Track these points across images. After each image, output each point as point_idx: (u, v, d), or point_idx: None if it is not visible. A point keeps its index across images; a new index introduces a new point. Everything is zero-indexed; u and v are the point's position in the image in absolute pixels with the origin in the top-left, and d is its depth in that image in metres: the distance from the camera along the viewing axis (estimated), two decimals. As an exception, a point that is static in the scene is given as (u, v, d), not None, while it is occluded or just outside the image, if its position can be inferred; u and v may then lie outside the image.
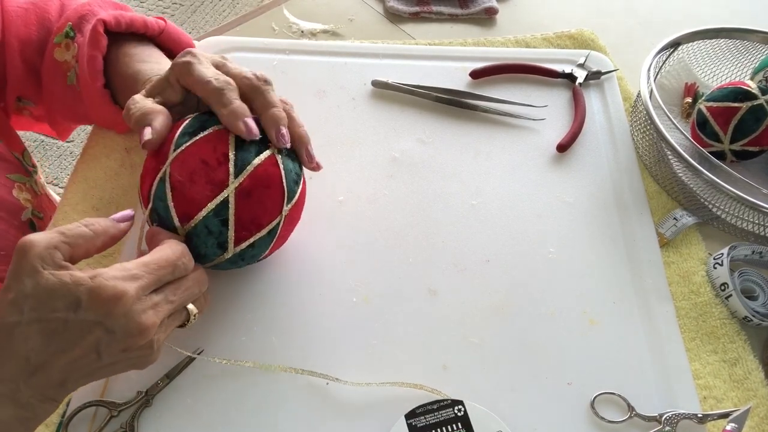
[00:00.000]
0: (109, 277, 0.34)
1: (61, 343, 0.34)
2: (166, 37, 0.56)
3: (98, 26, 0.51)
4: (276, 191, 0.43)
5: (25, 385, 0.34)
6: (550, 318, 0.50)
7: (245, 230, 0.42)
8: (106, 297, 0.34)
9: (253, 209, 0.42)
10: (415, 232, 0.54)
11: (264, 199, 0.42)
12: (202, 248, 0.42)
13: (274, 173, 0.43)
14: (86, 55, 0.51)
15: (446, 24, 0.77)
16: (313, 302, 0.50)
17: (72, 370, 0.35)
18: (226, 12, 2.06)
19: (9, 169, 0.55)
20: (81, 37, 0.53)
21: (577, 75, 0.67)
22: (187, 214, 0.41)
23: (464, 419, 0.43)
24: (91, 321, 0.34)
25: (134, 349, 0.36)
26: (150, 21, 0.54)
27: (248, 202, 0.42)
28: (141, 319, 0.35)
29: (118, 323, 0.34)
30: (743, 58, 0.68)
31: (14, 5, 0.54)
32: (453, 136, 0.62)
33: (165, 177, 0.41)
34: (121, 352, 0.36)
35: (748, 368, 0.48)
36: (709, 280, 0.53)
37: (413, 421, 0.42)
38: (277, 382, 0.45)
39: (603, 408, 0.45)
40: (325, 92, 0.65)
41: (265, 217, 0.43)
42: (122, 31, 0.53)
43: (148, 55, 0.52)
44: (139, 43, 0.54)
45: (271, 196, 0.43)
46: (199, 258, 0.42)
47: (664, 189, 0.59)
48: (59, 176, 1.64)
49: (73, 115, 0.58)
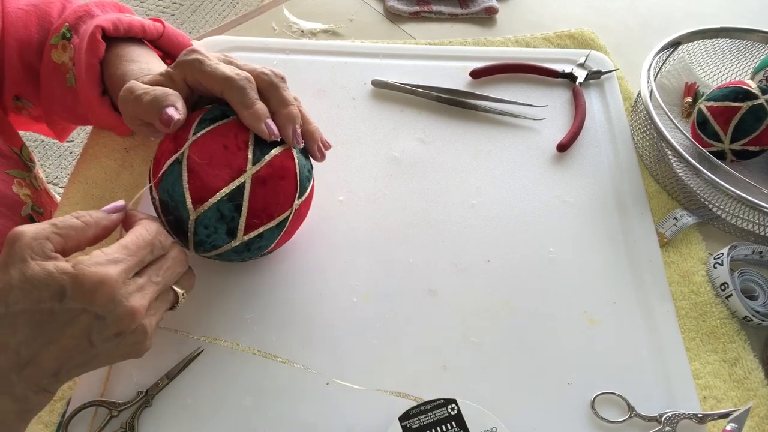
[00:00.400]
0: (90, 263, 0.34)
1: (50, 333, 0.34)
2: (165, 41, 0.56)
3: (96, 33, 0.50)
4: (290, 184, 0.44)
5: (18, 378, 0.34)
6: (550, 318, 0.50)
7: (256, 218, 0.43)
8: (90, 284, 0.34)
9: (267, 198, 0.43)
10: (415, 231, 0.54)
11: (278, 189, 0.43)
12: (212, 233, 0.42)
13: (289, 166, 0.44)
14: (84, 62, 0.51)
15: (446, 24, 0.77)
16: (313, 302, 0.50)
17: (64, 360, 0.35)
18: (226, 12, 2.06)
19: (8, 165, 0.55)
20: (77, 38, 0.53)
21: (577, 75, 0.67)
22: (201, 196, 0.41)
23: (458, 418, 0.43)
24: (78, 309, 0.34)
25: (126, 333, 0.36)
26: (148, 25, 0.54)
27: (263, 190, 0.42)
28: (129, 302, 0.35)
29: (105, 309, 0.34)
30: (743, 57, 0.68)
31: (14, 6, 0.54)
32: (453, 136, 0.62)
33: (182, 159, 0.41)
34: (113, 338, 0.36)
35: (748, 368, 0.48)
36: (709, 279, 0.53)
37: (408, 422, 0.42)
38: (277, 383, 0.45)
39: (603, 408, 0.45)
40: (325, 92, 0.65)
41: (277, 208, 0.43)
42: (120, 36, 0.52)
43: (137, 55, 0.52)
44: (131, 43, 0.53)
45: (285, 188, 0.43)
46: (206, 245, 0.42)
47: (665, 189, 0.59)
48: (59, 176, 1.64)
49: (72, 117, 0.58)
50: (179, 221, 0.42)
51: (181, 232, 0.42)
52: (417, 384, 0.45)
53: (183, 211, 0.41)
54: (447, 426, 0.42)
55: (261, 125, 0.42)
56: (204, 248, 0.43)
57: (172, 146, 0.43)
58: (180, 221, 0.42)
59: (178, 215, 0.42)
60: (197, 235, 0.42)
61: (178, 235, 0.43)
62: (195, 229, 0.42)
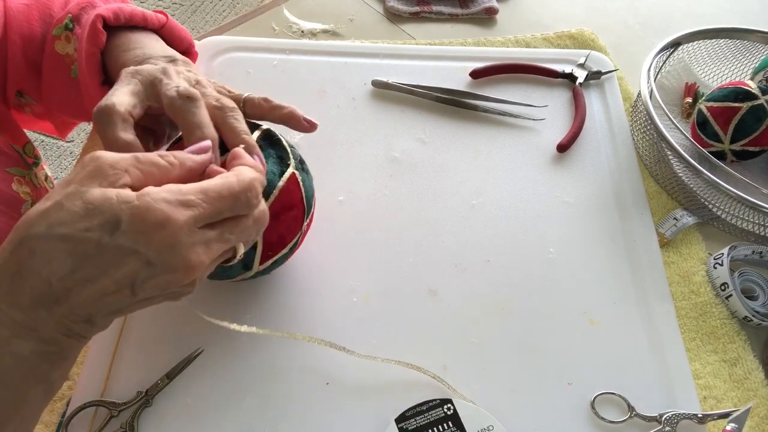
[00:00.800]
0: (158, 198, 0.29)
1: (91, 270, 0.29)
2: (167, 32, 0.55)
3: (97, 22, 0.50)
4: (299, 211, 0.44)
5: (47, 314, 0.30)
6: (550, 318, 0.50)
7: (271, 251, 0.43)
8: (152, 221, 0.29)
9: (279, 230, 0.42)
10: (415, 231, 0.55)
11: (288, 220, 0.43)
12: (227, 269, 0.42)
13: (296, 193, 0.43)
14: (84, 51, 0.51)
15: (446, 24, 0.77)
16: (313, 302, 0.50)
17: (101, 305, 0.30)
18: (226, 12, 2.06)
19: (8, 163, 0.55)
20: (79, 29, 0.53)
21: (578, 75, 0.67)
22: None
23: (454, 417, 0.43)
24: (129, 249, 0.29)
25: (174, 287, 0.32)
26: (150, 15, 0.53)
27: (275, 224, 0.41)
28: (189, 254, 0.30)
29: (160, 256, 0.30)
30: (743, 58, 0.68)
31: (16, 2, 0.54)
32: (453, 136, 0.62)
33: None
34: (159, 289, 0.31)
35: (748, 368, 0.48)
36: (709, 280, 0.53)
37: (404, 424, 0.42)
38: (276, 383, 0.45)
39: (603, 408, 0.45)
40: (325, 92, 0.65)
41: (289, 235, 0.44)
42: (121, 25, 0.52)
43: (134, 42, 0.51)
44: (129, 31, 0.52)
45: (295, 216, 0.43)
46: (221, 276, 0.43)
47: (664, 189, 0.59)
48: (59, 176, 1.64)
49: (74, 110, 0.58)
50: None
51: None
52: (417, 384, 0.45)
53: None
54: (443, 426, 0.42)
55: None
56: (220, 278, 0.43)
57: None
58: None
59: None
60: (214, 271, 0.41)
61: None
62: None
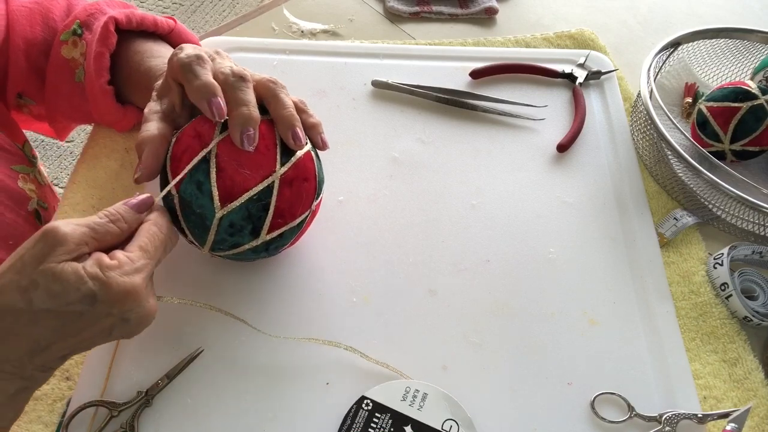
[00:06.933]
0: (121, 273, 0.36)
1: (74, 330, 0.36)
2: (175, 36, 0.57)
3: (109, 24, 0.52)
4: (311, 185, 0.45)
5: (29, 361, 0.35)
6: (550, 318, 0.50)
7: (281, 218, 0.43)
8: (121, 293, 0.35)
9: (292, 199, 0.43)
10: (415, 232, 0.54)
11: (302, 190, 0.44)
12: (236, 232, 0.42)
13: (311, 167, 0.45)
14: (94, 51, 0.52)
15: (446, 24, 0.77)
16: (312, 302, 0.50)
17: (79, 348, 0.37)
18: (226, 12, 2.06)
19: (13, 161, 0.56)
20: (89, 34, 0.54)
21: (577, 75, 0.67)
22: (229, 195, 0.41)
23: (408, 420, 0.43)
24: (106, 312, 0.36)
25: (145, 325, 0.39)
26: (160, 20, 0.56)
27: (289, 191, 0.43)
28: (149, 304, 0.38)
29: (132, 312, 0.37)
30: (743, 58, 0.68)
31: (18, 4, 0.55)
32: (453, 136, 0.62)
33: (210, 157, 0.41)
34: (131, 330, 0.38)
35: (748, 368, 0.48)
36: (709, 280, 0.53)
37: None
38: (276, 383, 0.45)
39: (603, 408, 0.45)
40: (325, 92, 0.65)
41: (299, 208, 0.44)
42: (133, 29, 0.53)
43: (157, 50, 0.53)
44: (147, 39, 0.55)
45: (307, 189, 0.44)
46: (225, 243, 0.42)
47: (664, 189, 0.59)
48: (59, 176, 1.64)
49: (76, 113, 0.59)
50: (202, 219, 0.41)
51: (200, 230, 0.42)
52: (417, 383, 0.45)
53: (208, 210, 0.41)
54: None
55: (203, 103, 0.41)
56: (222, 247, 0.43)
57: (197, 144, 0.42)
58: (203, 219, 0.41)
59: (203, 213, 0.41)
60: (219, 233, 0.42)
61: (195, 233, 0.42)
62: (218, 228, 0.42)
